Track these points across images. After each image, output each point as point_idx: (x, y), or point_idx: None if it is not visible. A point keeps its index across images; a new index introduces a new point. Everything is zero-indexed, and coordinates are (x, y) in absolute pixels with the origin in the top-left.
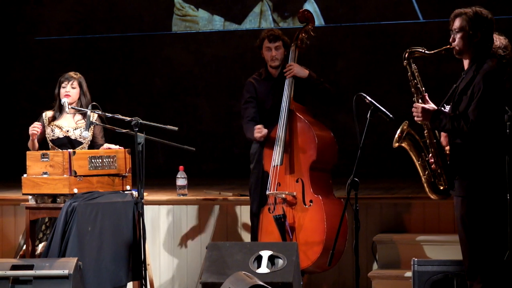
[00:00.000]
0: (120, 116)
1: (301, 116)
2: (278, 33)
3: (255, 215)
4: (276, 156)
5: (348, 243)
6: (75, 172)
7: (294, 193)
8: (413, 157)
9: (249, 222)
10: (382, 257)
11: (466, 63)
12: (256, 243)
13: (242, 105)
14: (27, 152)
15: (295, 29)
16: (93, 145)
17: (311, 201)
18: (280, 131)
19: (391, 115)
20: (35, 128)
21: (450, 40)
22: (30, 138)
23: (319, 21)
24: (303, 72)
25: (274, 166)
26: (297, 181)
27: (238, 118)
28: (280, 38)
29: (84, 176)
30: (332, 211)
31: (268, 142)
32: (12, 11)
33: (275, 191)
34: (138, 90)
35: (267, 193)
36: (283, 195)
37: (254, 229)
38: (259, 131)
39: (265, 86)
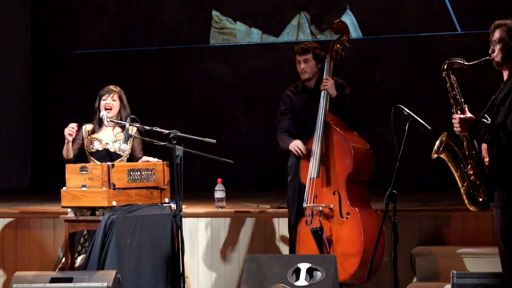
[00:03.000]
0: (159, 129)
1: (337, 128)
2: (307, 46)
3: (293, 227)
4: (312, 168)
5: (386, 256)
6: (114, 185)
7: (331, 206)
8: (452, 169)
9: (287, 235)
10: (421, 270)
11: (505, 74)
12: (295, 255)
13: (278, 117)
14: (66, 165)
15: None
16: (131, 158)
17: (348, 214)
18: (316, 144)
19: (429, 127)
20: (71, 129)
21: (490, 51)
22: (65, 142)
23: (357, 33)
24: (333, 91)
25: (310, 178)
26: (333, 194)
27: (276, 131)
28: (310, 51)
29: (122, 188)
30: (369, 223)
31: (305, 154)
32: (51, 25)
33: (312, 204)
34: (176, 103)
35: (304, 205)
36: (320, 208)
37: (292, 242)
38: (298, 148)
39: (301, 98)
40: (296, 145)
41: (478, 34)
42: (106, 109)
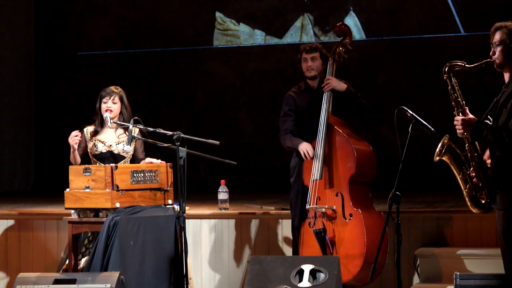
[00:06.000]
0: (162, 131)
1: (339, 130)
2: (315, 45)
3: (296, 229)
4: (315, 170)
5: (389, 257)
6: (117, 186)
7: (334, 207)
8: (454, 171)
9: (290, 236)
10: (424, 271)
11: (506, 76)
12: (298, 257)
13: (280, 118)
14: (70, 167)
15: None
16: (133, 159)
17: (350, 215)
18: (319, 146)
19: (432, 129)
20: (75, 138)
21: (491, 53)
22: (71, 150)
23: (360, 34)
24: (341, 86)
25: (313, 180)
26: (336, 195)
27: (278, 132)
28: (317, 49)
29: (126, 190)
30: (372, 225)
31: (311, 157)
32: (55, 27)
33: (315, 205)
34: (180, 104)
35: (307, 207)
36: (323, 209)
37: (295, 243)
38: (307, 152)
39: (304, 98)
40: (305, 148)
41: (482, 35)
42: (106, 111)
